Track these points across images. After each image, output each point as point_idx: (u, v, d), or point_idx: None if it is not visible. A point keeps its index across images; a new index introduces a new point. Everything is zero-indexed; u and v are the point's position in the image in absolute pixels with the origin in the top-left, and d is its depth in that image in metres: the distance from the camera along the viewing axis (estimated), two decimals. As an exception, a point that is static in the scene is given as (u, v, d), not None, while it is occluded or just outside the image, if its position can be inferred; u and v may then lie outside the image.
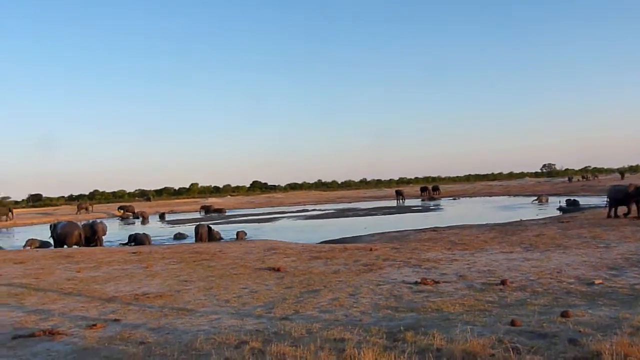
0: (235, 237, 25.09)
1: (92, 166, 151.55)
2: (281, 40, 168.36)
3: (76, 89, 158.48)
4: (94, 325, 7.03)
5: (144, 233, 25.66)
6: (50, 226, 26.06)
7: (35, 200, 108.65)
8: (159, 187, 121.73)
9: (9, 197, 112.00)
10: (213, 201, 79.94)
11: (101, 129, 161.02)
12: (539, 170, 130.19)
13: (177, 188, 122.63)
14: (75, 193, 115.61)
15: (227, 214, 56.07)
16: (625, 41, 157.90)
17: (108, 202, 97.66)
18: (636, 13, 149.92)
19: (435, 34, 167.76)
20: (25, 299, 9.27)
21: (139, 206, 70.72)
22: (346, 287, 9.17)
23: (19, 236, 36.74)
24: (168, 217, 53.89)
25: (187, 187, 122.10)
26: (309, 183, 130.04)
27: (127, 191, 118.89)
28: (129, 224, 47.46)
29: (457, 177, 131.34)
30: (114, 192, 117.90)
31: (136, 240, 24.64)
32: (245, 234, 25.65)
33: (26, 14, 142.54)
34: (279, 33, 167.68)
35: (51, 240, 25.19)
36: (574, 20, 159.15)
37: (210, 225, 26.44)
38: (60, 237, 24.06)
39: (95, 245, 23.81)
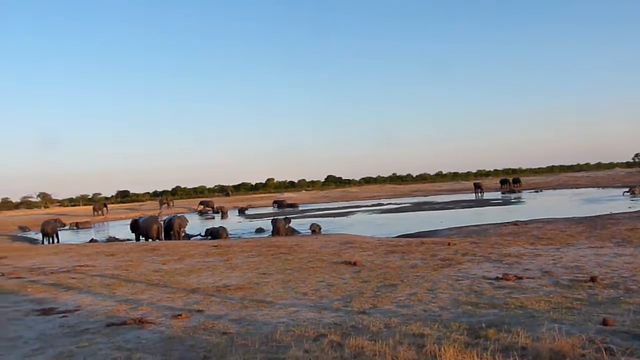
0: (310, 231, 25.43)
1: (174, 163, 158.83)
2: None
3: (157, 90, 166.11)
4: (180, 315, 7.36)
5: (220, 226, 26.51)
6: (132, 222, 27.59)
7: (123, 196, 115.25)
8: (236, 183, 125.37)
9: (99, 194, 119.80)
10: (288, 196, 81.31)
11: (183, 127, 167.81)
12: (631, 160, 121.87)
13: (254, 183, 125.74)
14: (159, 189, 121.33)
15: (300, 208, 56.82)
16: None
17: (189, 198, 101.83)
18: None
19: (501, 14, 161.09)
20: (116, 289, 9.86)
21: (218, 201, 73.18)
22: (424, 282, 9.03)
23: (111, 230, 39.15)
24: (246, 212, 55.38)
25: (264, 182, 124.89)
26: (383, 177, 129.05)
27: (207, 187, 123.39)
28: (208, 219, 49.23)
29: (540, 168, 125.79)
30: (194, 188, 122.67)
31: (212, 233, 25.49)
32: (320, 227, 25.91)
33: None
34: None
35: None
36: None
37: (287, 219, 26.90)
38: (142, 231, 25.49)
39: (176, 239, 24.96)
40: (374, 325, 6.25)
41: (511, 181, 67.63)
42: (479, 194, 59.09)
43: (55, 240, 30.23)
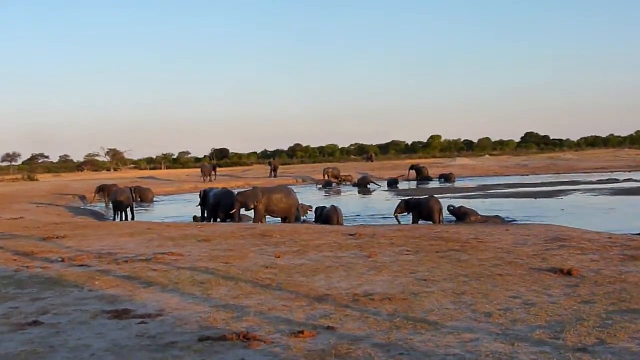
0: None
1: (290, 113, 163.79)
2: None
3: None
4: (301, 332, 7.65)
5: (332, 206, 26.78)
6: (201, 193, 29.12)
7: (221, 157, 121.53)
8: (383, 142, 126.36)
9: (188, 153, 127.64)
10: (462, 163, 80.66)
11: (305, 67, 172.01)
12: None
13: (409, 143, 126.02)
14: (271, 148, 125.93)
15: (456, 183, 56.12)
16: None
17: (313, 162, 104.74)
18: None
19: None
20: (212, 290, 10.48)
21: (361, 168, 74.39)
22: (689, 309, 8.49)
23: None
24: (398, 185, 55.82)
25: (425, 141, 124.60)
26: (618, 137, 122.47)
27: (340, 146, 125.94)
28: (330, 194, 50.38)
29: None
30: (321, 148, 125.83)
31: (322, 215, 25.98)
32: (474, 213, 25.46)
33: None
34: None
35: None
36: None
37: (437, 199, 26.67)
38: (214, 207, 26.87)
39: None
40: (601, 371, 6.02)
41: None
42: None
43: (130, 215, 32.76)
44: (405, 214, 26.80)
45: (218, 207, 27.18)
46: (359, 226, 22.67)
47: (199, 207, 29.23)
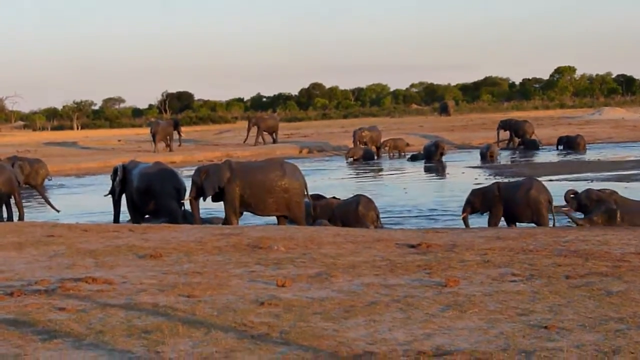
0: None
1: (305, 30, 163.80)
2: None
3: None
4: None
5: (360, 196, 26.39)
6: (115, 171, 29.14)
7: (180, 107, 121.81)
8: (470, 80, 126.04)
9: (121, 100, 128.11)
10: (615, 117, 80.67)
11: None
12: None
13: (516, 82, 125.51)
14: (269, 92, 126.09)
15: (596, 151, 56.36)
16: None
17: (344, 116, 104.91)
18: None
19: None
20: (165, 344, 10.35)
21: (424, 127, 74.85)
22: None
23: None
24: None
25: (546, 77, 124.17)
26: None
27: (392, 88, 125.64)
28: (369, 173, 50.52)
29: None
30: (358, 90, 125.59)
31: (337, 214, 25.75)
32: None
33: None
34: None
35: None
36: None
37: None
38: (142, 197, 27.49)
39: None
40: None
41: None
42: None
43: (18, 212, 32.74)
44: (480, 212, 26.39)
45: (148, 198, 27.80)
46: (426, 230, 22.57)
47: (110, 196, 29.96)
